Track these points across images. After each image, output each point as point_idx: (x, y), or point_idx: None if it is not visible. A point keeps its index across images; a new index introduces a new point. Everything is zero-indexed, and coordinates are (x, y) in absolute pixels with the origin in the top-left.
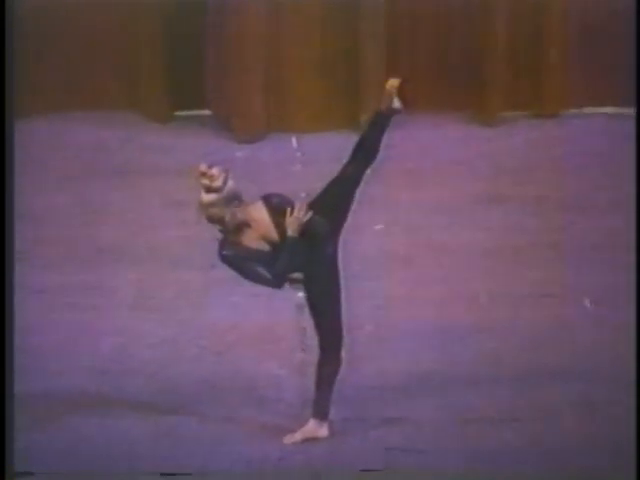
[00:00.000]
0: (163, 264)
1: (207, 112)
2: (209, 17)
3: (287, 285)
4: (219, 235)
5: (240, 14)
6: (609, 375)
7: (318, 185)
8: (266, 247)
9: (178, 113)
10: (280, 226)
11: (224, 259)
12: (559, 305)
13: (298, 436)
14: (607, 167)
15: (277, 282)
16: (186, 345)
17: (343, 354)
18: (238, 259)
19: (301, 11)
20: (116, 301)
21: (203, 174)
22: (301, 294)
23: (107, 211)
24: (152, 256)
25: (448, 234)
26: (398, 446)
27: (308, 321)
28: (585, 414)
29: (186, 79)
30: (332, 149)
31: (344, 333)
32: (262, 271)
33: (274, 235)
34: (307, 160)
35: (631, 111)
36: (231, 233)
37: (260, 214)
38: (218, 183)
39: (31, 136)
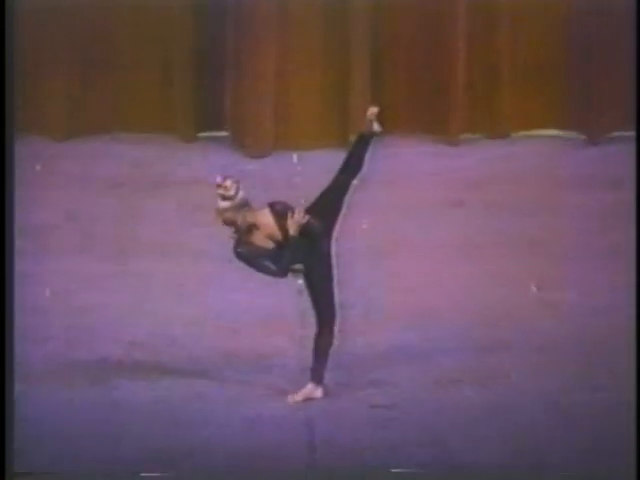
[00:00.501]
0: (189, 257)
1: (224, 133)
2: (228, 56)
3: (290, 275)
4: (234, 234)
5: (254, 54)
6: (550, 344)
7: (314, 193)
8: (272, 245)
9: (201, 134)
10: (283, 228)
11: (238, 255)
12: (510, 290)
13: (299, 397)
14: (551, 179)
15: (281, 273)
16: (208, 324)
17: (336, 330)
18: (249, 255)
19: (304, 48)
20: (153, 287)
21: (219, 185)
22: (301, 281)
23: (145, 214)
24: (180, 251)
25: (420, 232)
26: (380, 404)
27: (307, 303)
28: (529, 376)
29: (208, 105)
30: (325, 164)
31: (337, 313)
32: (269, 264)
33: (278, 235)
34: (305, 173)
35: (573, 134)
36: (243, 234)
37: (266, 218)
38: (231, 193)
39: (85, 152)
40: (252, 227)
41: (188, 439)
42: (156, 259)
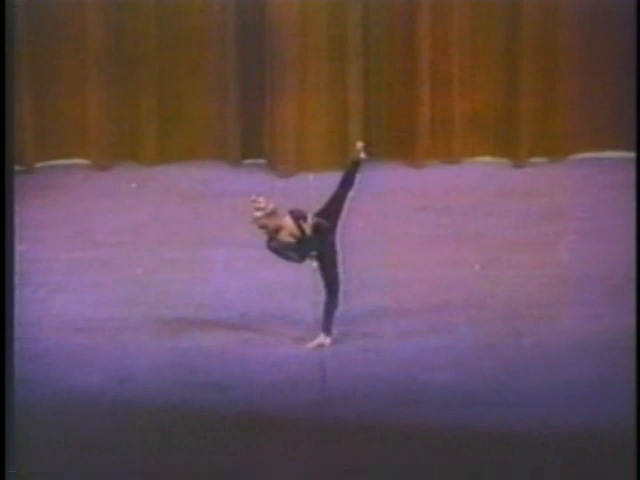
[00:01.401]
0: (237, 247)
1: (263, 161)
2: (267, 99)
3: (307, 260)
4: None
5: (283, 94)
6: (486, 304)
7: (325, 200)
8: (293, 240)
9: (246, 161)
10: (300, 228)
11: (270, 249)
12: (460, 268)
13: (314, 344)
14: (487, 191)
15: (300, 260)
16: (250, 292)
17: (340, 296)
18: (277, 248)
19: (322, 97)
20: (214, 267)
21: (253, 201)
22: (315, 264)
23: (209, 217)
24: (231, 242)
25: (398, 228)
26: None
27: (319, 279)
28: (472, 327)
29: (251, 139)
30: (332, 182)
31: (340, 285)
32: (292, 254)
33: (297, 233)
34: (319, 188)
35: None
36: (272, 233)
37: (288, 222)
38: (262, 205)
39: (168, 174)
40: (279, 229)
41: (235, 372)
42: (215, 248)
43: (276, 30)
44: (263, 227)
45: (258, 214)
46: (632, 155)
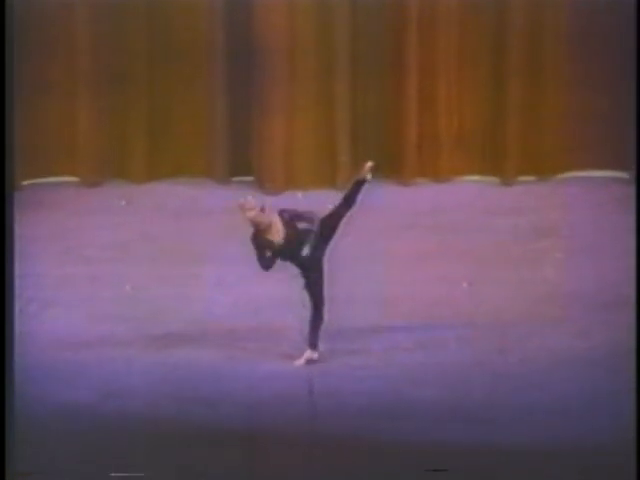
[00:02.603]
0: (226, 262)
1: (251, 178)
2: (255, 117)
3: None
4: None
5: (270, 114)
6: (473, 321)
7: None
8: (278, 240)
9: (234, 179)
10: (289, 226)
11: (252, 239)
12: (449, 285)
13: (301, 360)
14: (475, 209)
15: (268, 266)
16: (236, 307)
17: (325, 312)
18: (258, 243)
19: (310, 115)
20: (202, 282)
21: (243, 203)
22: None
23: (199, 233)
24: (220, 258)
25: (386, 246)
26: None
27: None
28: (462, 344)
29: (238, 158)
30: (320, 199)
31: (325, 301)
32: (267, 257)
33: (283, 232)
34: (307, 205)
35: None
36: (262, 230)
37: (276, 220)
38: (252, 205)
39: (158, 191)
40: (269, 226)
41: (223, 388)
42: (204, 265)
43: (264, 49)
44: (258, 224)
45: (251, 213)
46: (618, 174)
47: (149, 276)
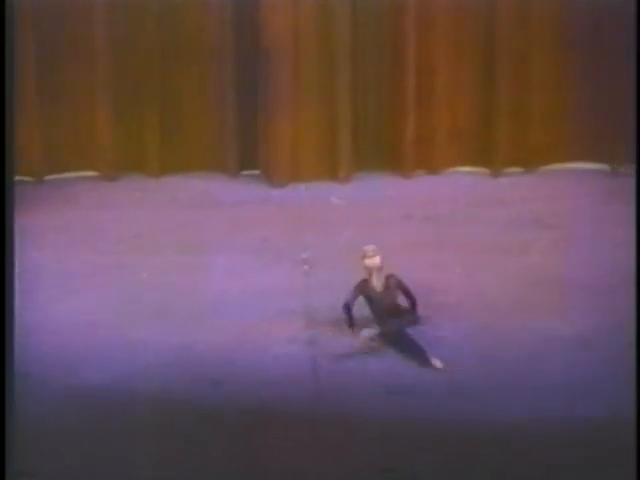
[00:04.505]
0: (237, 252)
1: (257, 172)
2: (262, 115)
3: None
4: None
5: (277, 111)
6: (463, 301)
7: (316, 208)
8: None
9: (243, 172)
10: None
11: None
12: (443, 271)
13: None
14: (467, 200)
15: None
16: (244, 293)
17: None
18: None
19: (313, 113)
20: (213, 271)
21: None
22: (306, 268)
23: (209, 224)
24: (231, 248)
25: (385, 234)
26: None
27: (310, 282)
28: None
29: (247, 153)
30: (322, 191)
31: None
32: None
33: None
34: (309, 197)
35: (481, 169)
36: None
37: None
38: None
39: (172, 184)
40: (374, 276)
41: (232, 368)
42: (215, 254)
43: (270, 52)
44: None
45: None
46: (600, 166)
47: (164, 264)
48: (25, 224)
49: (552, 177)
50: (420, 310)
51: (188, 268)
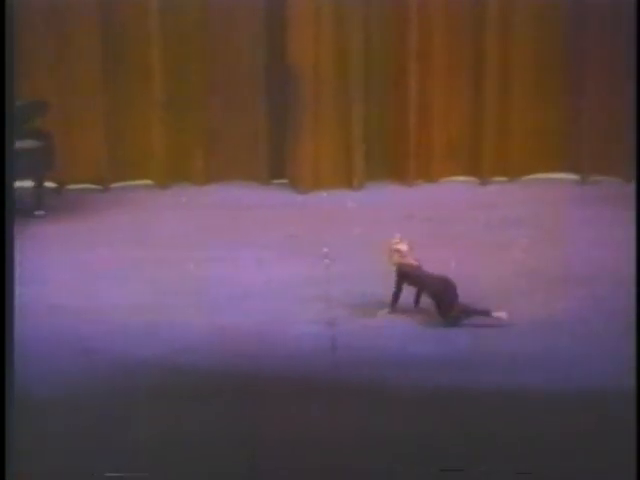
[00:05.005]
0: (267, 249)
1: (285, 180)
2: (289, 133)
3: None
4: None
5: (299, 131)
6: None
7: (334, 211)
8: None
9: (274, 181)
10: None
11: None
12: (439, 265)
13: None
14: (462, 203)
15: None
16: (272, 282)
17: None
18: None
19: (332, 132)
20: (244, 264)
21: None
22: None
23: (244, 226)
24: (263, 246)
25: (390, 233)
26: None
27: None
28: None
29: (276, 163)
30: (340, 197)
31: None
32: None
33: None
34: (329, 201)
35: (471, 179)
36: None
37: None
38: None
39: (214, 192)
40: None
41: (261, 345)
42: (247, 249)
43: (296, 82)
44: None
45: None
46: (571, 176)
47: (206, 257)
48: (95, 226)
49: (531, 185)
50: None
51: (225, 260)
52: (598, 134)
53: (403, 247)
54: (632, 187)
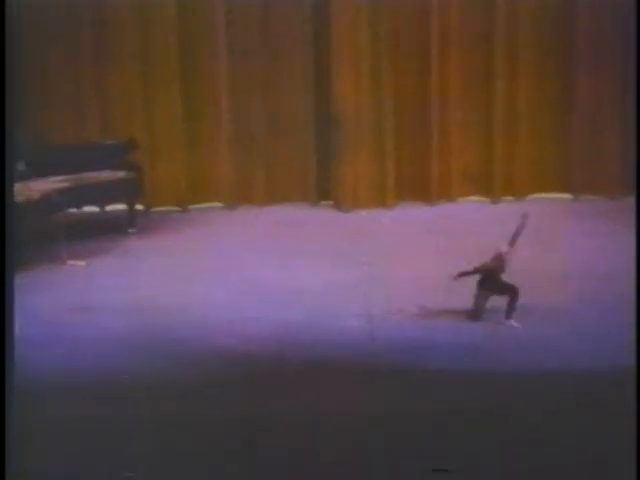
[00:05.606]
0: (309, 257)
1: (331, 202)
2: (333, 162)
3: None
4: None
5: (341, 161)
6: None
7: (372, 226)
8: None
9: (322, 202)
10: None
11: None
12: (457, 270)
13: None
14: (462, 222)
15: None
16: (323, 284)
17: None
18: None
19: (369, 161)
20: (298, 269)
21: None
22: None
23: (298, 239)
24: (317, 255)
25: (416, 244)
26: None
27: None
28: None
29: (323, 186)
30: (376, 215)
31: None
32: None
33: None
34: (367, 219)
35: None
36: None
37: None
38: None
39: (273, 213)
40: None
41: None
42: (301, 258)
43: (339, 119)
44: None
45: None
46: (565, 195)
47: (268, 264)
48: (177, 240)
49: (534, 203)
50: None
51: (283, 267)
52: (588, 162)
53: (504, 248)
54: (615, 204)
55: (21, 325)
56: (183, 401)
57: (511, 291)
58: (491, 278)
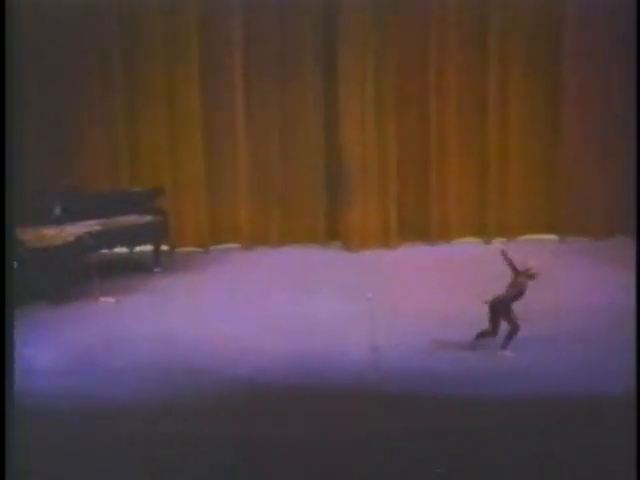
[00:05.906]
0: (320, 292)
1: (339, 242)
2: (341, 208)
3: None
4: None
5: (348, 207)
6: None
7: (376, 265)
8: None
9: (331, 242)
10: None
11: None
12: (456, 301)
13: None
14: (460, 261)
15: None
16: (333, 316)
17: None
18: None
19: (374, 208)
20: (312, 302)
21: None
22: (370, 296)
23: (305, 275)
24: (330, 287)
25: (417, 278)
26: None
27: (373, 309)
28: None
29: (332, 229)
30: (380, 255)
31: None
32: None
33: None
34: (372, 258)
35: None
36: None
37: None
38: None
39: (290, 254)
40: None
41: (324, 363)
42: (314, 292)
43: (346, 168)
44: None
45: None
46: (551, 237)
47: (282, 300)
48: (199, 278)
49: (524, 243)
50: (440, 326)
51: (296, 302)
52: (572, 206)
53: (532, 263)
54: (598, 244)
55: (58, 354)
56: (200, 424)
57: (513, 325)
58: (502, 304)
